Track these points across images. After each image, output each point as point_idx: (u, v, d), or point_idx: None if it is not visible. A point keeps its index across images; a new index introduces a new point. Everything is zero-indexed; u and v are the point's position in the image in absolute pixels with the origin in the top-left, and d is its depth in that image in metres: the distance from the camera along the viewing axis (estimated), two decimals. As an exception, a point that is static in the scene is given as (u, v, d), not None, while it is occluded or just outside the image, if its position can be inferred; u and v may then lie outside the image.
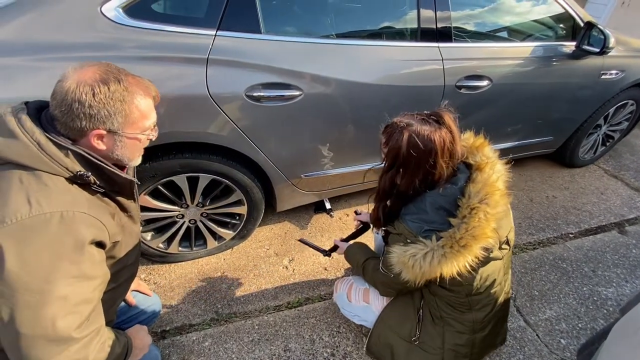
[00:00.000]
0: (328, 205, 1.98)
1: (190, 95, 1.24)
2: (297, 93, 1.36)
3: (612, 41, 1.78)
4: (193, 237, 1.66)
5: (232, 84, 1.28)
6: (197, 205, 1.54)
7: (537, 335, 1.49)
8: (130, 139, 0.80)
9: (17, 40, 1.07)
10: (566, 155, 2.54)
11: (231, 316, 1.49)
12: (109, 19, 1.14)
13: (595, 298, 1.67)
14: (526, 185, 2.46)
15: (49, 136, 0.71)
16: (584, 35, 1.87)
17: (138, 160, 0.89)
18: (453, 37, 1.63)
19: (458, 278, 0.92)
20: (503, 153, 2.32)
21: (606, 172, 2.68)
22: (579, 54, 1.93)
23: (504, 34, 1.92)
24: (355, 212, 1.54)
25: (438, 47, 1.59)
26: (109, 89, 0.73)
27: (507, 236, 1.02)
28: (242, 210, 1.64)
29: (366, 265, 1.22)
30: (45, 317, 0.66)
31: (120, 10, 1.16)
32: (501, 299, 1.14)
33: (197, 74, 1.23)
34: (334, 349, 1.38)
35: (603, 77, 2.08)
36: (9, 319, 0.65)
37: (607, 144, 2.66)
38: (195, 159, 1.38)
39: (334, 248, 1.45)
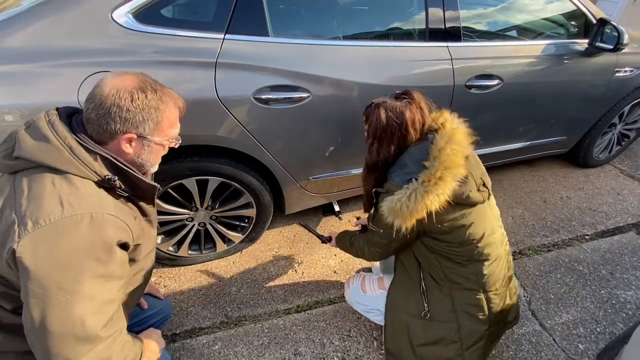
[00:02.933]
0: (337, 208, 1.97)
1: (199, 98, 1.24)
2: (305, 95, 1.36)
3: (626, 37, 1.74)
4: (202, 240, 1.66)
5: (241, 87, 1.29)
6: (206, 208, 1.55)
7: (553, 339, 1.44)
8: (157, 144, 0.85)
9: (33, 46, 1.09)
10: (580, 155, 2.48)
11: (241, 319, 1.48)
12: (119, 24, 1.16)
13: (613, 301, 1.62)
14: (539, 186, 2.41)
15: (80, 140, 0.75)
16: (597, 32, 1.83)
17: (156, 167, 0.93)
18: (462, 37, 1.61)
19: (445, 217, 1.01)
20: (516, 153, 2.31)
21: (622, 172, 2.61)
22: (592, 51, 1.89)
23: (514, 33, 1.89)
24: (357, 218, 1.62)
25: (447, 46, 1.57)
26: (146, 96, 0.78)
27: (481, 178, 1.09)
28: (251, 213, 1.64)
29: (353, 240, 1.30)
30: (75, 316, 0.68)
31: (131, 16, 1.17)
32: (501, 252, 1.15)
33: (206, 78, 1.24)
34: (344, 353, 1.36)
35: (617, 74, 2.04)
36: (40, 318, 0.67)
37: (623, 143, 2.59)
38: (204, 162, 1.39)
39: (330, 238, 1.54)
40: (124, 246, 0.78)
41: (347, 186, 1.80)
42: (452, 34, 1.58)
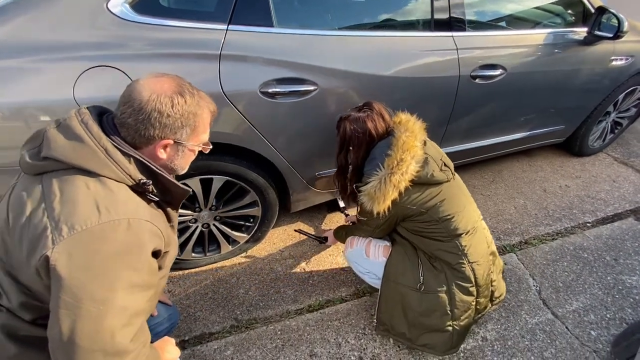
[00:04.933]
0: (342, 204, 1.93)
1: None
2: (312, 88, 1.31)
3: (626, 25, 1.75)
4: (207, 242, 1.60)
5: (246, 81, 1.23)
6: (210, 208, 1.48)
7: (566, 327, 1.45)
8: (190, 150, 0.83)
9: (21, 39, 1.02)
10: (576, 144, 2.51)
11: (251, 322, 1.43)
12: (115, 15, 1.09)
13: (620, 287, 1.64)
14: (538, 175, 2.43)
15: (114, 143, 0.72)
16: (596, 20, 1.84)
17: (185, 170, 0.90)
18: (467, 26, 1.59)
19: (417, 198, 1.15)
20: (516, 143, 2.31)
21: (615, 159, 2.66)
22: (590, 39, 1.90)
23: (515, 22, 1.88)
24: (346, 215, 1.80)
25: (452, 36, 1.55)
26: (185, 101, 0.75)
27: (441, 160, 1.22)
28: (257, 212, 1.58)
29: (349, 232, 1.46)
30: (105, 329, 0.64)
31: (127, 6, 1.10)
32: (478, 225, 1.28)
33: (210, 71, 1.18)
34: (361, 352, 1.33)
35: (613, 62, 2.06)
36: (69, 331, 0.62)
37: (616, 131, 2.64)
38: (208, 160, 1.32)
39: (326, 238, 1.70)
40: (155, 254, 0.74)
41: (353, 181, 1.77)
42: (457, 24, 1.56)
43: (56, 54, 1.05)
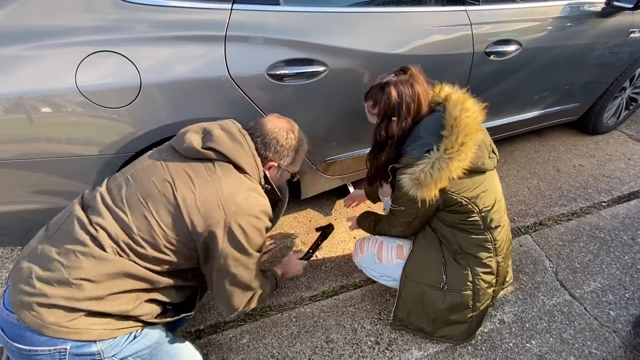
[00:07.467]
0: (352, 189, 1.90)
1: (209, 77, 1.14)
2: (321, 69, 1.26)
3: (647, -7, 1.66)
4: (217, 231, 1.58)
5: (253, 63, 1.18)
6: (220, 197, 1.46)
7: (585, 308, 1.43)
8: (285, 174, 1.11)
9: (17, 25, 0.98)
10: (590, 121, 2.44)
11: (266, 310, 1.42)
12: (115, -4, 1.03)
13: (638, 266, 1.60)
14: (551, 155, 2.37)
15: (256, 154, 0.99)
16: (615, -11, 1.74)
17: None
18: (480, -1, 1.51)
19: (462, 186, 1.03)
20: (531, 122, 2.24)
21: (630, 137, 2.59)
22: (608, 11, 1.81)
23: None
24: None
25: (466, 10, 1.47)
26: (295, 137, 1.05)
27: (490, 146, 1.12)
28: (267, 199, 1.55)
29: (377, 222, 1.32)
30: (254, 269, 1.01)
31: (127, -13, 1.04)
32: (506, 218, 1.21)
33: (216, 54, 1.13)
34: (377, 337, 1.32)
35: (632, 35, 1.97)
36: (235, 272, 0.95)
37: (631, 107, 2.55)
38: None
39: (330, 225, 1.62)
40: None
41: (363, 166, 1.72)
42: (470, -4, 1.48)
43: (54, 39, 1.01)
